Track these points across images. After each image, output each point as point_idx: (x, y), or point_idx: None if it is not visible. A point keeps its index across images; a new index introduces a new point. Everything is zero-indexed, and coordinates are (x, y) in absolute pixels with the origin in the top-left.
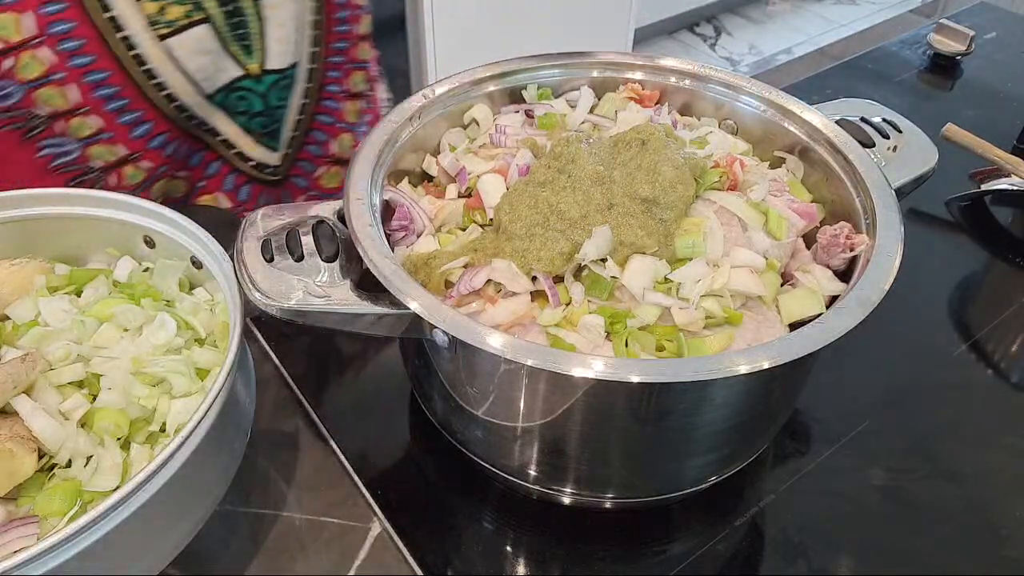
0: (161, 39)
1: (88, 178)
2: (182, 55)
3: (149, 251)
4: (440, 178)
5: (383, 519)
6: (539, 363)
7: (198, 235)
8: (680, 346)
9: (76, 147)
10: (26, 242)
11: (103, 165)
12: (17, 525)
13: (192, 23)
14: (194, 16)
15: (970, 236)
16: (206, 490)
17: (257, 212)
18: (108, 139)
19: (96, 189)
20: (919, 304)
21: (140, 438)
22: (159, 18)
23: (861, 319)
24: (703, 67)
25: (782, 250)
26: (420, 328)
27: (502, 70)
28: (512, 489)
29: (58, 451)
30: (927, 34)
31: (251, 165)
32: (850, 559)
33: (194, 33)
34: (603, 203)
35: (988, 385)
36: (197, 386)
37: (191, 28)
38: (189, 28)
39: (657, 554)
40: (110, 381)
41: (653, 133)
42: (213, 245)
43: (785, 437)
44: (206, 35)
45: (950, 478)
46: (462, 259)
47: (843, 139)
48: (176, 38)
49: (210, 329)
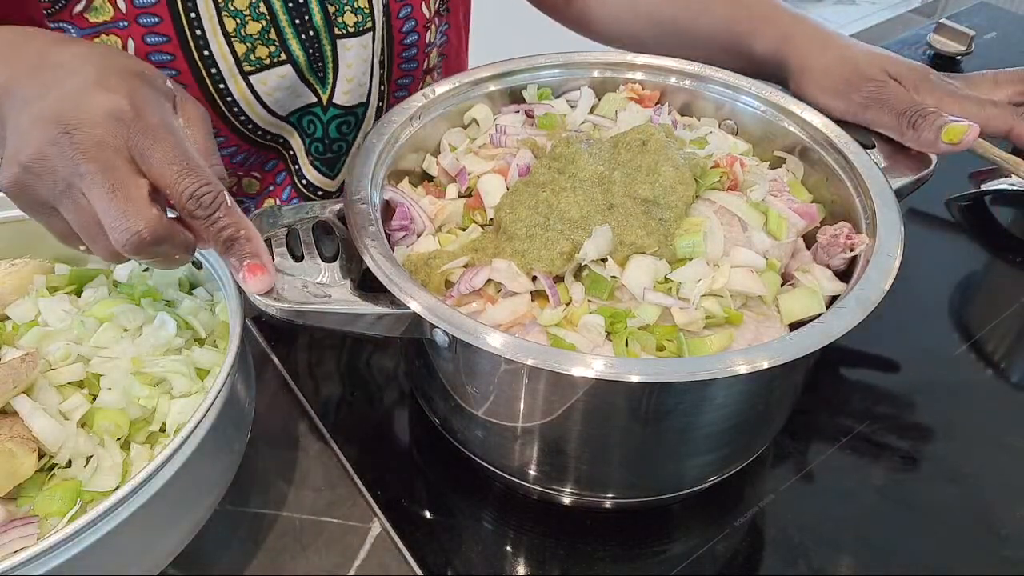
0: (245, 75)
1: None
2: (262, 89)
3: None
4: (440, 178)
5: (383, 519)
6: (539, 363)
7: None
8: (680, 346)
9: None
10: (26, 242)
11: None
12: (17, 525)
13: (276, 63)
14: (278, 57)
15: (970, 236)
16: (206, 490)
17: (257, 213)
18: None
19: None
20: (919, 304)
21: (140, 438)
22: (247, 57)
23: (861, 319)
24: (703, 67)
25: (782, 250)
26: (420, 328)
27: (502, 70)
28: (512, 489)
29: (58, 451)
30: (927, 34)
31: (304, 184)
32: (850, 559)
33: (277, 71)
34: (603, 203)
35: (988, 385)
36: (197, 386)
37: (275, 67)
38: (273, 67)
39: (657, 554)
40: (110, 381)
41: (653, 134)
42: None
43: (785, 437)
44: (287, 73)
45: (950, 478)
46: (462, 259)
47: (843, 139)
48: (259, 75)
49: (210, 329)
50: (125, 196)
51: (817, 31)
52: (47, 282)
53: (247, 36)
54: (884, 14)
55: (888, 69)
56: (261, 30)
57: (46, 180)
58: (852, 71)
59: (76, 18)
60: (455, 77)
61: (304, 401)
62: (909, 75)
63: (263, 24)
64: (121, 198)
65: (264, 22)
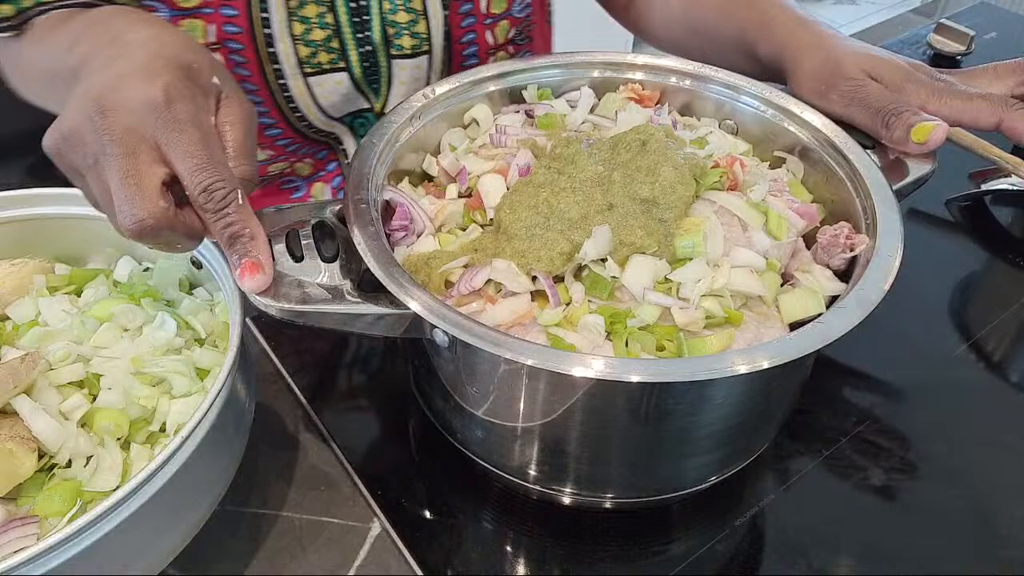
0: (305, 76)
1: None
2: (319, 92)
3: (149, 251)
4: (440, 178)
5: (383, 519)
6: (539, 363)
7: None
8: (680, 346)
9: None
10: (26, 242)
11: None
12: (17, 525)
13: (334, 69)
14: (337, 64)
15: (970, 236)
16: (206, 490)
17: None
18: None
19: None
20: (919, 304)
21: (140, 438)
22: (308, 60)
23: (861, 319)
24: (703, 67)
25: (782, 250)
26: (420, 328)
27: (502, 70)
28: (512, 489)
29: (58, 451)
30: (927, 34)
31: None
32: (850, 559)
33: (334, 77)
34: (603, 204)
35: (988, 385)
36: (197, 386)
37: (332, 73)
38: (331, 72)
39: (657, 554)
40: (110, 381)
41: (653, 134)
42: (213, 245)
43: (785, 437)
44: (344, 80)
45: (950, 478)
46: (462, 259)
47: (843, 139)
48: (317, 78)
49: (210, 329)
50: (137, 183)
51: (814, 33)
52: (47, 282)
53: (311, 41)
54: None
55: (869, 69)
56: (325, 38)
57: (78, 151)
58: (833, 71)
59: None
60: (455, 77)
61: (304, 401)
62: (891, 75)
63: (328, 33)
64: (132, 185)
65: (329, 31)
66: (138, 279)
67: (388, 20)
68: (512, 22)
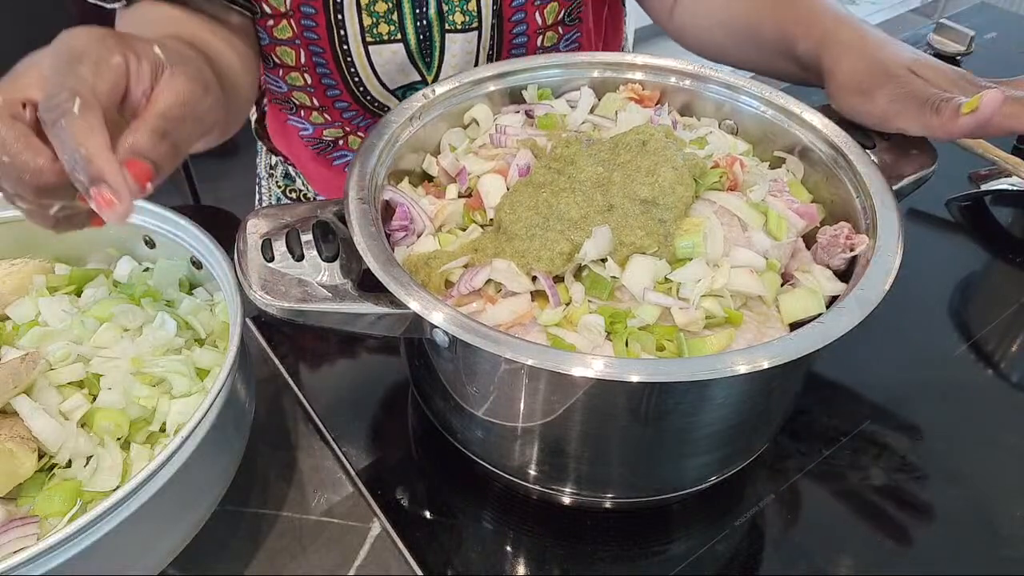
0: (365, 45)
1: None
2: (377, 61)
3: (149, 251)
4: (440, 178)
5: (383, 519)
6: (539, 363)
7: (198, 235)
8: (680, 346)
9: (285, 88)
10: (26, 242)
11: (299, 105)
12: (17, 525)
13: (392, 40)
14: (395, 36)
15: (970, 236)
16: (206, 490)
17: (258, 212)
18: (310, 92)
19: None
20: (919, 304)
21: (140, 438)
22: (370, 30)
23: (861, 319)
24: (703, 67)
25: (782, 250)
26: (420, 328)
27: (502, 70)
28: (512, 489)
29: (58, 451)
30: (927, 34)
31: None
32: (850, 559)
33: (390, 47)
34: (603, 204)
35: (988, 385)
36: (197, 386)
37: (390, 43)
38: (389, 43)
39: (657, 554)
40: (110, 381)
41: (653, 134)
42: (213, 245)
43: (785, 437)
44: (399, 51)
45: (950, 478)
46: (462, 259)
47: (843, 139)
48: (377, 47)
49: (210, 329)
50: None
51: (853, 32)
52: (47, 282)
53: (375, 12)
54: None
55: (915, 68)
56: (386, 11)
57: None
58: (878, 70)
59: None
60: (455, 77)
61: (304, 401)
62: (936, 76)
63: (389, 6)
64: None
65: (390, 4)
66: (138, 279)
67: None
68: (562, 4)
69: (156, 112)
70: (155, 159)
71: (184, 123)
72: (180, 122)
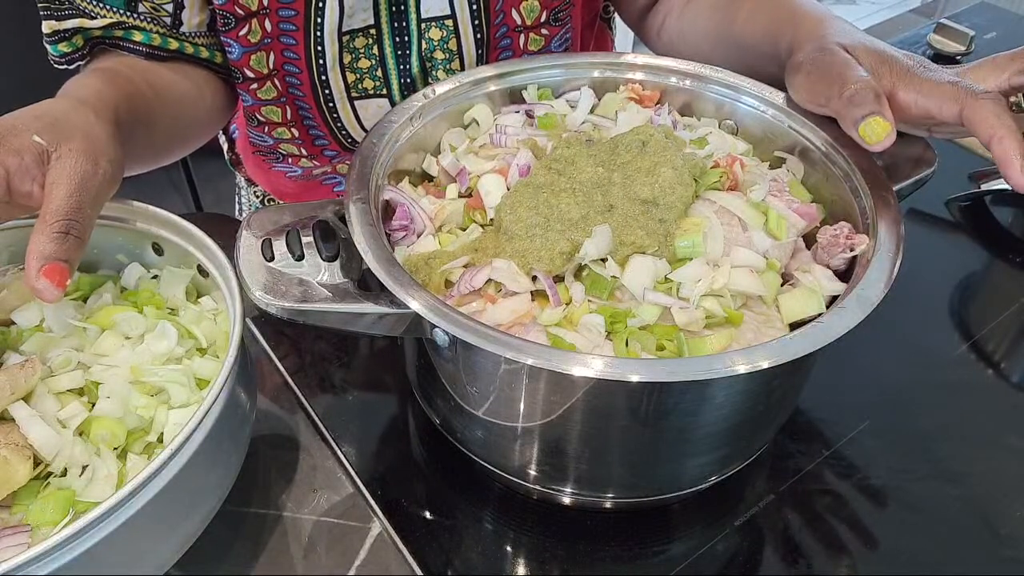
0: (351, 100)
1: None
2: (364, 114)
3: (157, 258)
4: (440, 178)
5: (383, 519)
6: (539, 362)
7: (205, 243)
8: (680, 346)
9: (272, 141)
10: None
11: (286, 154)
12: (8, 534)
13: (377, 95)
14: (380, 91)
15: (970, 236)
16: (200, 501)
17: (258, 212)
18: (298, 144)
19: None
20: (919, 304)
21: (137, 448)
22: (355, 85)
23: (861, 319)
24: (703, 67)
25: (782, 250)
26: (420, 328)
27: (502, 70)
28: (512, 489)
29: (53, 459)
30: (927, 34)
31: None
32: (850, 559)
33: (376, 101)
34: (603, 205)
35: (988, 385)
36: (196, 396)
37: (376, 98)
38: (375, 97)
39: (657, 554)
40: (109, 389)
41: (653, 135)
42: (219, 254)
43: (785, 437)
44: (385, 105)
45: (950, 478)
46: (462, 259)
47: (843, 139)
48: (362, 101)
49: (212, 339)
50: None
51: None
52: None
53: (358, 68)
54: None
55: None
56: (370, 67)
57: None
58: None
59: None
60: (455, 77)
61: (304, 401)
62: (867, 56)
63: (372, 63)
64: None
65: (374, 61)
66: (146, 286)
67: (426, 56)
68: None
69: (52, 211)
70: (65, 257)
71: (82, 209)
72: (78, 211)
